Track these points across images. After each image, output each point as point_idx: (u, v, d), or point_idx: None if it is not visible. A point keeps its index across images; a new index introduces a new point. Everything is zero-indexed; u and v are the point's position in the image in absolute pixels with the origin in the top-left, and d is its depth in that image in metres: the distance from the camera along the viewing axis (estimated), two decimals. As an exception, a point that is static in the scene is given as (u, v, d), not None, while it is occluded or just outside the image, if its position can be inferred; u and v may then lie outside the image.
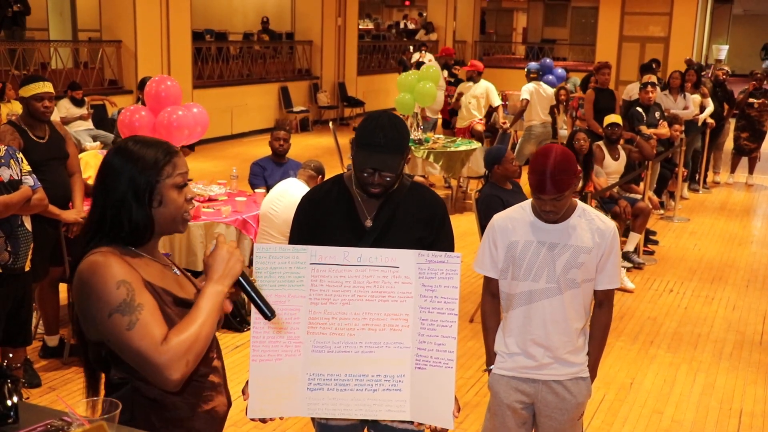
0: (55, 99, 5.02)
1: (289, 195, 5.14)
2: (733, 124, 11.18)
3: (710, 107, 9.97)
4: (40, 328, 5.03)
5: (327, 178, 2.74)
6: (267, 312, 1.93)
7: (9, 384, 1.86)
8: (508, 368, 2.91)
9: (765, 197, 10.35)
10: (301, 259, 2.30)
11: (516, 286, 2.84)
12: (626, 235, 7.02)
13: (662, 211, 8.99)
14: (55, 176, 4.54)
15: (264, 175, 6.19)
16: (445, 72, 12.17)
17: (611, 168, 7.04)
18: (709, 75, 11.93)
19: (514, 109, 11.27)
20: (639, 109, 8.33)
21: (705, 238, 8.25)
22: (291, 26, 16.78)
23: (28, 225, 3.98)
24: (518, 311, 2.86)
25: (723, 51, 22.32)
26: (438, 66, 10.86)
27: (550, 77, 12.12)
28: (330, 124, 10.36)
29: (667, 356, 5.24)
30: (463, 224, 7.81)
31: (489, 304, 3.00)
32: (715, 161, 11.26)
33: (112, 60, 11.69)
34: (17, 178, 3.86)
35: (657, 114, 8.46)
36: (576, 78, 13.76)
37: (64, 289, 4.85)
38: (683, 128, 8.74)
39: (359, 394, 2.34)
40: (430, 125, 10.62)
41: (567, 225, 2.79)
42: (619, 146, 7.16)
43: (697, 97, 9.77)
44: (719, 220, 9.04)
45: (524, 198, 4.36)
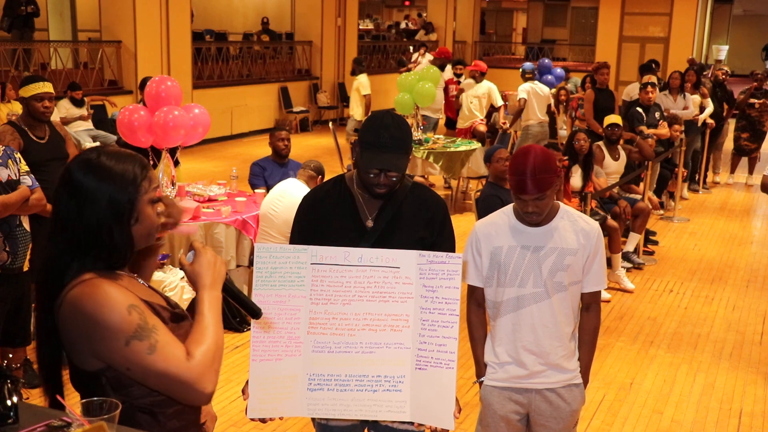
0: (55, 99, 5.01)
1: (289, 195, 5.14)
2: (733, 125, 11.18)
3: (710, 107, 9.96)
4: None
5: (328, 179, 2.73)
6: (255, 310, 1.94)
7: (9, 384, 1.85)
8: (501, 379, 2.86)
9: (765, 197, 10.32)
10: (302, 259, 2.30)
11: (503, 293, 2.80)
12: (626, 236, 7.02)
13: (662, 212, 8.99)
14: (55, 176, 4.47)
15: (264, 176, 6.19)
16: (448, 70, 12.16)
17: (611, 168, 7.04)
18: (709, 75, 11.93)
19: (514, 109, 11.28)
20: (639, 110, 8.32)
21: (705, 239, 8.24)
22: (291, 26, 16.79)
23: (27, 225, 3.98)
24: (506, 318, 2.82)
25: (723, 51, 22.28)
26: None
27: (549, 77, 12.13)
28: (330, 125, 10.37)
29: (667, 356, 5.24)
30: (463, 224, 7.80)
31: (475, 315, 2.96)
32: (715, 161, 11.26)
33: (112, 60, 11.69)
34: (15, 178, 3.86)
35: (657, 114, 8.46)
36: (577, 78, 13.76)
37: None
38: (683, 128, 8.74)
39: (359, 395, 2.33)
40: (431, 125, 10.63)
41: (550, 227, 2.75)
42: (619, 146, 7.16)
43: (697, 98, 9.76)
44: (719, 221, 9.03)
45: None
